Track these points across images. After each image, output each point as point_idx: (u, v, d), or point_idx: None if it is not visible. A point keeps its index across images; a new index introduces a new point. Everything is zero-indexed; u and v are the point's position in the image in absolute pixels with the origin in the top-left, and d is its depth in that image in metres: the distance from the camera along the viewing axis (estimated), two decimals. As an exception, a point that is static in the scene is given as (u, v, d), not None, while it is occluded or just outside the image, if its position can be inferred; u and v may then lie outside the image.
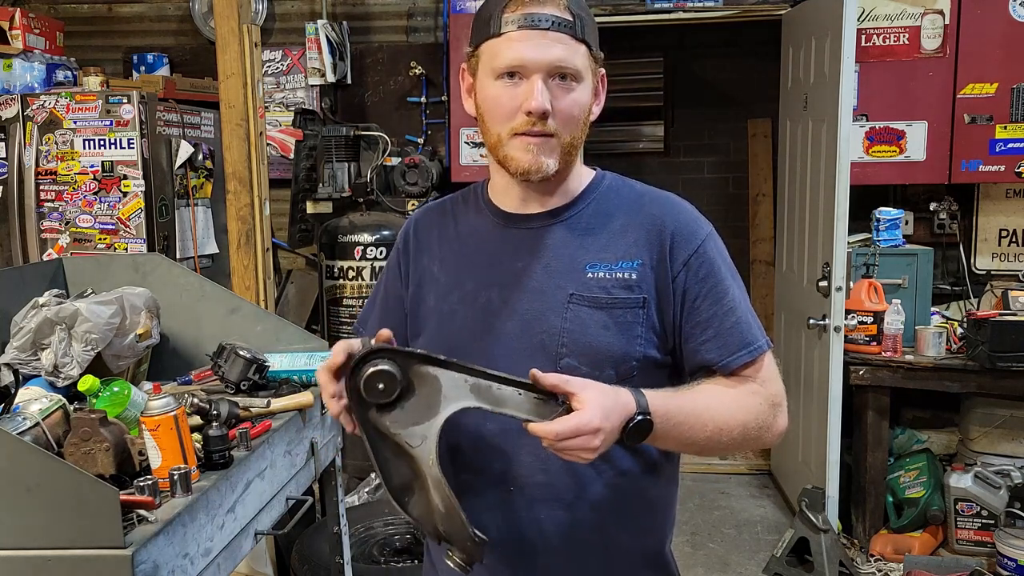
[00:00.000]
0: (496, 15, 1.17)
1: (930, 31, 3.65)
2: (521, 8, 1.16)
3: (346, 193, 4.00)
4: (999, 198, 3.90)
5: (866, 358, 3.46)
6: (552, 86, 1.16)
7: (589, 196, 1.27)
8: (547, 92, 1.15)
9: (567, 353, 1.20)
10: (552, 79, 1.16)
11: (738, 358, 1.21)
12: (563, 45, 1.15)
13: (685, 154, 5.69)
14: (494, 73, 1.18)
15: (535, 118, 1.16)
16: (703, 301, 1.21)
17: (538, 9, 1.15)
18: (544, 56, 1.15)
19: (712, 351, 1.21)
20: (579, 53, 1.17)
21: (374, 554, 2.87)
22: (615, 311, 1.20)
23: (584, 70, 1.18)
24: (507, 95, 1.18)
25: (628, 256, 1.22)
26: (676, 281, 1.21)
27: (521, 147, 1.18)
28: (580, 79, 1.18)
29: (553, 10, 1.15)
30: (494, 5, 1.19)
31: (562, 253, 1.24)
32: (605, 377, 1.18)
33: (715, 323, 1.21)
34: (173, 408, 1.48)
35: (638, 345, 1.20)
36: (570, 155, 1.22)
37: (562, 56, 1.15)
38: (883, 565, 3.43)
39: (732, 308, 1.22)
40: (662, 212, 1.25)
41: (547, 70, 1.16)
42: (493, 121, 1.21)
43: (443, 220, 1.36)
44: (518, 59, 1.16)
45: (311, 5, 4.44)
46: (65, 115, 3.43)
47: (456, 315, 1.27)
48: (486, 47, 1.19)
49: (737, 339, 1.21)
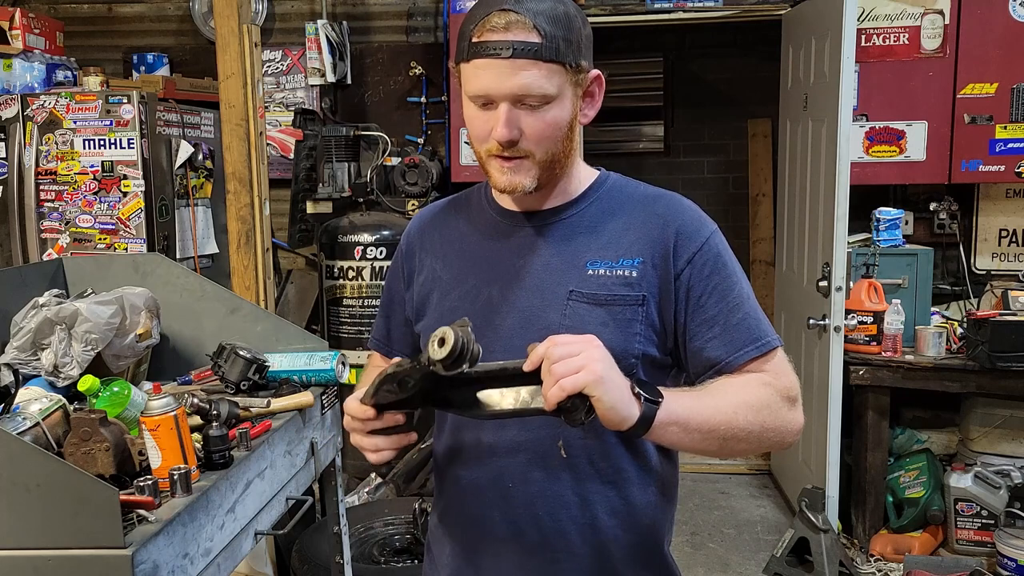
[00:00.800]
0: (467, 37, 1.17)
1: (930, 31, 3.65)
2: (487, 34, 1.14)
3: (346, 193, 4.01)
4: (999, 198, 3.90)
5: (866, 358, 3.46)
6: (521, 111, 1.16)
7: (592, 195, 1.28)
8: (514, 119, 1.15)
9: None
10: (519, 104, 1.15)
11: (745, 353, 1.19)
12: (528, 71, 1.13)
13: (685, 154, 5.69)
14: (467, 96, 1.20)
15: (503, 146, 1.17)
16: (708, 298, 1.20)
17: (500, 36, 1.13)
18: (505, 86, 1.14)
19: (719, 348, 1.19)
20: (549, 75, 1.14)
21: (374, 554, 2.87)
22: (614, 308, 1.20)
23: (557, 89, 1.16)
24: (480, 119, 1.19)
25: (629, 254, 1.22)
26: (680, 279, 1.21)
27: (496, 168, 1.20)
28: (551, 100, 1.16)
29: (518, 34, 1.12)
30: (468, 23, 1.18)
31: (563, 250, 1.24)
32: None
33: (721, 319, 1.20)
34: (173, 408, 1.48)
35: (637, 343, 1.20)
36: (553, 168, 1.22)
37: (525, 84, 1.13)
38: (883, 565, 3.43)
39: (738, 304, 1.21)
40: (666, 211, 1.25)
41: (511, 99, 1.15)
42: (473, 140, 1.23)
43: (445, 219, 1.37)
44: (483, 89, 1.16)
45: (311, 5, 4.44)
46: (65, 115, 3.43)
47: (457, 312, 1.27)
48: (461, 68, 1.20)
49: (744, 335, 1.19)
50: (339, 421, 2.24)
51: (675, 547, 1.35)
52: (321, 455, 2.09)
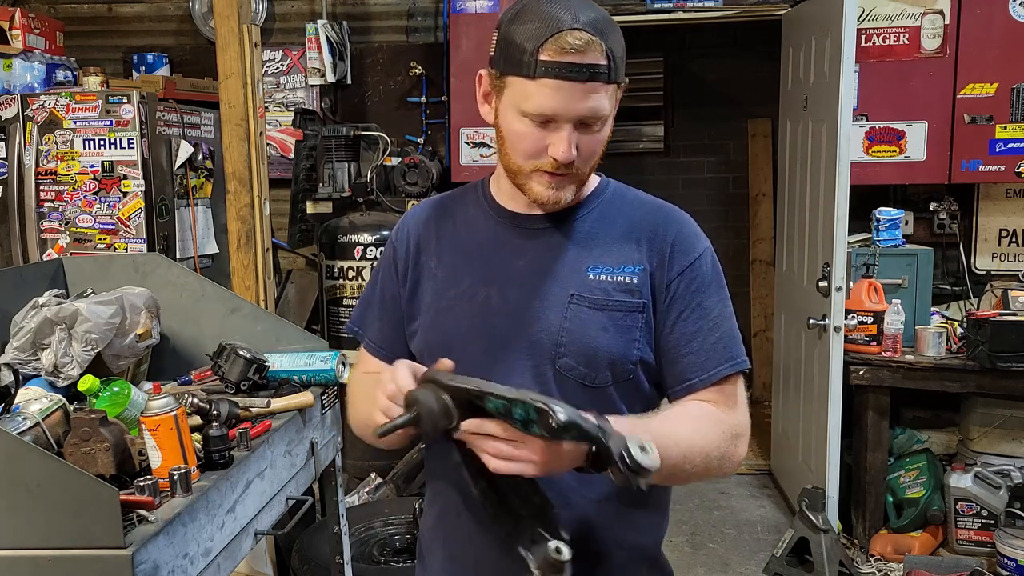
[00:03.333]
0: (531, 53, 1.12)
1: (930, 31, 3.65)
2: (560, 55, 1.11)
3: (346, 193, 4.01)
4: (999, 198, 3.90)
5: (866, 358, 3.46)
6: (579, 129, 1.16)
7: (594, 201, 1.28)
8: (578, 140, 1.16)
9: (565, 353, 1.20)
10: (582, 126, 1.16)
11: (718, 372, 1.22)
12: (598, 94, 1.13)
13: (685, 154, 5.69)
14: (522, 112, 1.16)
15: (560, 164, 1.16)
16: (691, 313, 1.23)
17: (578, 59, 1.11)
18: (577, 108, 1.13)
19: (694, 365, 1.22)
20: (609, 96, 1.16)
21: (374, 554, 2.87)
22: (615, 314, 1.21)
23: (611, 107, 1.18)
24: (534, 136, 1.16)
25: (630, 261, 1.23)
26: (669, 288, 1.23)
27: (542, 183, 1.19)
28: (607, 119, 1.18)
29: (593, 58, 1.11)
30: (529, 37, 1.12)
31: (564, 255, 1.24)
32: (601, 378, 1.20)
33: (700, 337, 1.22)
34: (173, 408, 1.49)
35: (635, 349, 1.21)
36: (586, 181, 1.25)
37: (595, 107, 1.14)
38: (883, 565, 3.43)
39: (717, 324, 1.23)
40: (666, 221, 1.27)
41: (578, 120, 1.15)
42: (515, 153, 1.20)
43: (441, 217, 1.35)
44: (550, 110, 1.13)
45: (311, 5, 4.44)
46: (65, 115, 3.43)
47: (453, 311, 1.26)
48: (516, 82, 1.15)
49: (720, 354, 1.23)
50: (339, 421, 2.24)
51: (675, 547, 1.36)
52: (321, 455, 2.09)
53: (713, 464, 1.19)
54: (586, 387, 1.20)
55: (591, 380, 1.20)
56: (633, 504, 1.26)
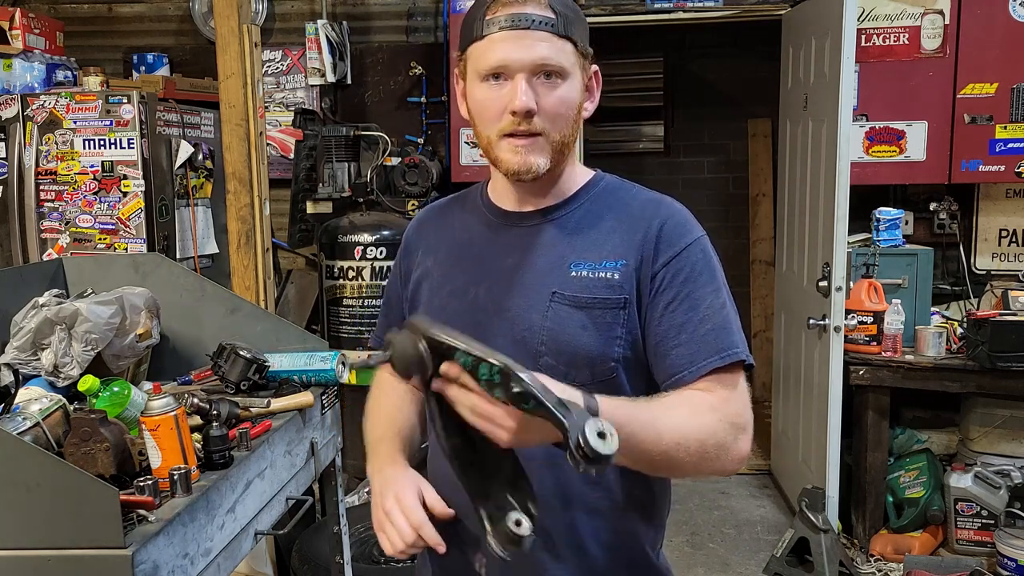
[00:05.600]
0: (480, 18, 1.18)
1: (930, 31, 3.65)
2: (502, 9, 1.16)
3: (346, 193, 4.00)
4: (999, 198, 3.90)
5: (866, 358, 3.46)
6: (537, 85, 1.16)
7: (583, 196, 1.27)
8: (531, 91, 1.16)
9: (546, 352, 1.20)
10: (536, 78, 1.16)
11: (708, 364, 1.15)
12: (546, 43, 1.15)
13: (685, 154, 5.69)
14: (480, 76, 1.19)
15: (520, 118, 1.16)
16: (679, 305, 1.18)
17: (519, 9, 1.16)
18: (526, 55, 1.15)
19: (682, 356, 1.16)
20: (563, 50, 1.17)
21: (374, 554, 2.87)
22: (595, 311, 1.19)
23: (570, 67, 1.18)
24: (493, 96, 1.18)
25: (612, 256, 1.21)
26: (654, 280, 1.19)
27: (510, 149, 1.19)
28: (566, 76, 1.18)
29: (534, 9, 1.16)
30: (478, 8, 1.20)
31: (550, 252, 1.24)
32: (581, 377, 1.17)
33: (689, 328, 1.17)
34: (173, 408, 1.49)
35: (617, 347, 1.19)
36: (562, 153, 1.22)
37: (545, 54, 1.15)
38: (883, 565, 3.43)
39: (709, 315, 1.17)
40: (653, 214, 1.23)
41: (530, 69, 1.16)
42: (482, 124, 1.22)
43: (442, 219, 1.38)
44: (501, 60, 1.16)
45: (311, 5, 4.44)
46: (65, 115, 3.43)
47: (446, 310, 1.27)
48: (471, 50, 1.20)
49: (710, 346, 1.16)
50: (339, 421, 2.24)
51: (675, 547, 1.36)
52: (321, 455, 2.09)
53: (710, 453, 1.11)
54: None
55: (571, 379, 1.17)
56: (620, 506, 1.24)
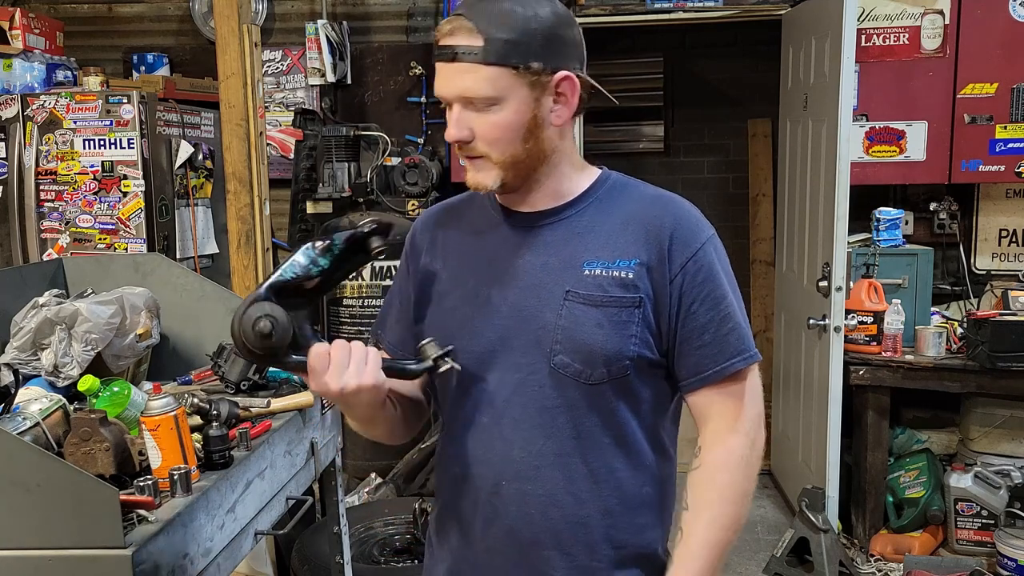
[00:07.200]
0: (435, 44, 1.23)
1: (930, 31, 3.65)
2: (439, 39, 1.19)
3: (346, 193, 4.00)
4: (999, 198, 3.89)
5: (866, 358, 3.46)
6: (471, 111, 1.19)
7: (591, 195, 1.28)
8: (464, 121, 1.19)
9: (561, 350, 1.20)
10: (468, 106, 1.18)
11: (732, 364, 1.22)
12: (469, 75, 1.16)
13: (685, 154, 5.68)
14: None
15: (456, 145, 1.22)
16: (700, 305, 1.21)
17: (447, 40, 1.17)
18: (450, 89, 1.18)
19: (708, 356, 1.22)
20: (490, 78, 1.15)
21: (374, 554, 2.87)
22: (610, 309, 1.20)
23: (502, 91, 1.16)
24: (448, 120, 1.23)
25: (626, 255, 1.22)
26: (673, 284, 1.21)
27: (466, 167, 1.25)
28: (499, 101, 1.17)
29: (460, 39, 1.16)
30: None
31: (561, 251, 1.24)
32: (597, 375, 1.20)
33: (712, 328, 1.21)
34: (173, 408, 1.49)
35: (632, 344, 1.20)
36: (518, 168, 1.22)
37: (466, 86, 1.17)
38: (883, 565, 3.43)
39: (729, 314, 1.22)
40: (663, 212, 1.24)
41: (458, 100, 1.18)
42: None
43: (448, 219, 1.38)
44: (437, 92, 1.21)
45: (311, 5, 4.44)
46: (65, 115, 3.43)
47: (456, 311, 1.28)
48: None
49: (733, 345, 1.22)
50: (339, 421, 2.24)
51: (675, 547, 1.35)
52: (321, 455, 2.09)
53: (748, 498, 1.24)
54: (581, 384, 1.21)
55: (587, 377, 1.20)
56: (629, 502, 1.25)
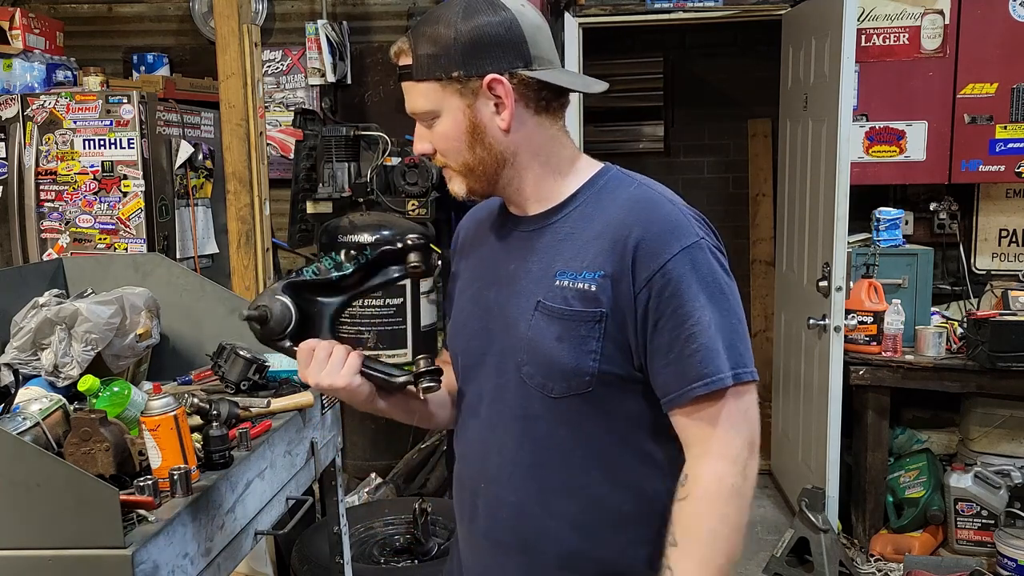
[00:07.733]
0: None
1: (930, 31, 3.65)
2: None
3: (346, 193, 4.00)
4: (999, 198, 3.89)
5: (866, 358, 3.46)
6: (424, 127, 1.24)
7: (579, 198, 1.22)
8: (422, 135, 1.24)
9: (527, 361, 1.19)
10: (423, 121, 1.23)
11: (692, 390, 1.11)
12: (411, 93, 1.22)
13: (685, 154, 5.68)
14: None
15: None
16: (666, 322, 1.12)
17: (398, 62, 1.23)
18: (407, 106, 1.24)
19: (669, 378, 1.13)
20: (424, 93, 1.20)
21: (374, 554, 2.87)
22: (571, 323, 1.15)
23: (437, 103, 1.19)
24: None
25: (592, 266, 1.15)
26: (638, 299, 1.13)
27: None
28: (436, 115, 1.20)
29: (403, 60, 1.21)
30: None
31: (543, 258, 1.21)
32: (558, 389, 1.17)
33: (676, 348, 1.12)
34: (173, 408, 1.49)
35: (591, 360, 1.15)
36: (476, 174, 1.22)
37: (411, 103, 1.22)
38: (883, 565, 3.43)
39: (694, 334, 1.11)
40: (633, 220, 1.15)
41: (414, 117, 1.24)
42: None
43: (480, 221, 1.39)
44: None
45: (311, 5, 4.43)
46: (65, 115, 3.43)
47: (464, 312, 1.32)
48: None
49: (695, 369, 1.11)
50: (339, 421, 2.24)
51: (675, 547, 1.34)
52: (321, 455, 2.09)
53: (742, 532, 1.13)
54: (546, 397, 1.18)
55: (549, 391, 1.17)
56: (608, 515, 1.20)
